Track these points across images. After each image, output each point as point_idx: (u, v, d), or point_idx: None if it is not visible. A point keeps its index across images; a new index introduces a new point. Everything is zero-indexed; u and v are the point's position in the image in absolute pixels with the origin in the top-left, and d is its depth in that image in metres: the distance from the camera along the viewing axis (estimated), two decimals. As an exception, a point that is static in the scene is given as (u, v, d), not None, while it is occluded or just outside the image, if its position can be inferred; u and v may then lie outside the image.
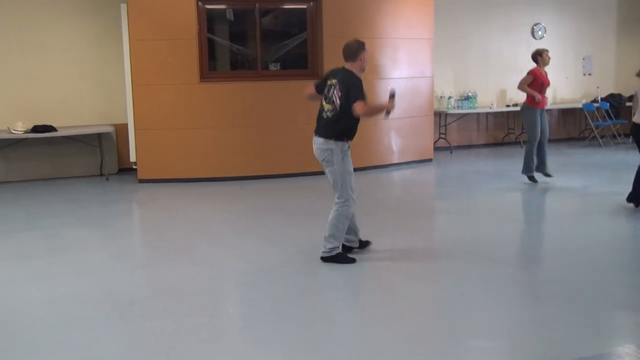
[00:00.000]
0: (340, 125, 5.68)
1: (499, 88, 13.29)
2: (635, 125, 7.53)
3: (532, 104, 9.10)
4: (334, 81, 5.72)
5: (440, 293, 5.17)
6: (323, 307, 4.94)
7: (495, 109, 13.14)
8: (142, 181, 9.91)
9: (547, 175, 9.29)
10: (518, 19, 13.50)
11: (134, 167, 10.18)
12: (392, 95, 5.79)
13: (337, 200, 5.72)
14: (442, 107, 12.84)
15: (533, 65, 9.30)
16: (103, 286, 5.38)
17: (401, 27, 10.92)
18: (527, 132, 9.45)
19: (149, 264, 6.20)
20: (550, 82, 9.53)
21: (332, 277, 5.56)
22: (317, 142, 5.79)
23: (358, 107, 5.56)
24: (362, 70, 5.83)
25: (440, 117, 12.90)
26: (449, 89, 12.96)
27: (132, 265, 6.09)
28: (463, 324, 4.48)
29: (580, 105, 13.66)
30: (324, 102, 5.80)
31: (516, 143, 13.42)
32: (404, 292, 5.20)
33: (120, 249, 6.65)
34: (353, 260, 5.76)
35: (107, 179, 10.33)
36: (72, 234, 7.22)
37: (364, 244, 6.10)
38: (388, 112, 5.85)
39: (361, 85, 5.66)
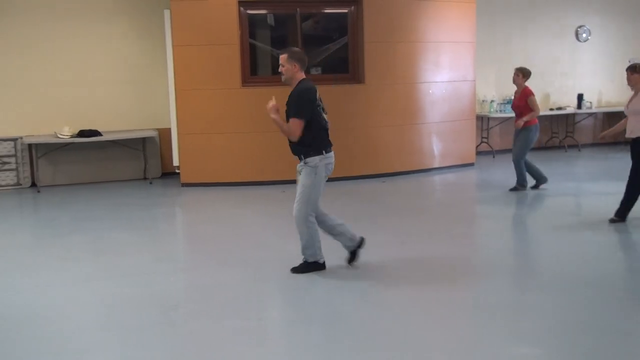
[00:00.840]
0: (308, 138, 5.58)
1: (542, 92, 13.08)
2: (635, 140, 7.04)
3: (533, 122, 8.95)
4: (318, 94, 5.64)
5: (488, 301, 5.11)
6: (368, 311, 4.91)
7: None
8: (184, 185, 10.01)
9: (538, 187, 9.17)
10: (562, 21, 13.30)
11: (177, 171, 10.30)
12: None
13: (295, 206, 5.67)
14: (484, 111, 12.72)
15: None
16: (148, 289, 5.45)
17: (443, 31, 10.86)
18: (522, 149, 8.97)
19: (193, 266, 6.25)
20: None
21: (381, 281, 5.53)
22: (333, 156, 5.74)
23: (295, 126, 5.53)
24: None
25: (483, 121, 12.78)
26: (491, 92, 12.83)
27: (176, 268, 6.15)
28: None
29: (626, 109, 13.39)
30: (325, 115, 5.66)
31: (560, 147, 13.22)
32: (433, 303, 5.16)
33: (164, 252, 6.73)
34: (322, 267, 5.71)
35: (150, 183, 10.47)
36: (116, 237, 7.32)
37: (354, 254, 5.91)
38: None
39: (309, 104, 5.54)
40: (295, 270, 5.66)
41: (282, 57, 5.51)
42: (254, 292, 5.34)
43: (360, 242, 5.83)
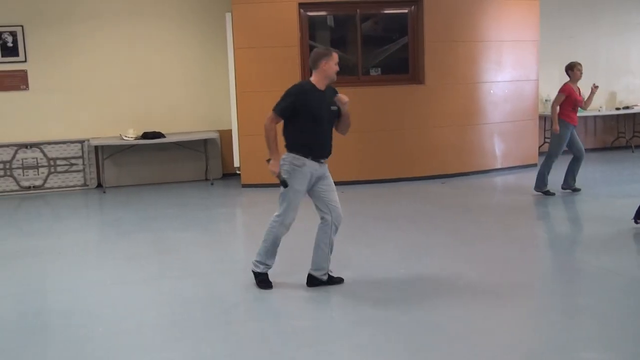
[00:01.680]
0: (289, 132, 5.34)
1: (608, 90, 12.72)
2: None
3: (567, 119, 8.61)
4: None
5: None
6: (426, 313, 4.87)
7: (604, 112, 12.59)
8: (245, 186, 10.12)
9: (576, 189, 8.84)
10: (629, 17, 12.88)
11: (238, 172, 10.42)
12: (281, 180, 5.30)
13: (275, 215, 5.36)
14: (548, 111, 12.43)
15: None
16: (208, 288, 5.53)
17: (505, 29, 10.68)
18: (552, 146, 8.80)
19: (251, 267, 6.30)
20: (582, 98, 8.95)
21: (441, 282, 5.48)
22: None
23: (267, 116, 5.28)
24: (329, 78, 5.30)
25: (546, 121, 12.50)
26: (554, 92, 12.51)
27: (236, 268, 6.20)
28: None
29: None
30: None
31: (627, 147, 12.83)
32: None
33: (224, 252, 6.82)
34: (269, 286, 5.36)
35: (212, 184, 10.62)
36: (178, 236, 7.46)
37: (333, 280, 5.44)
38: (269, 160, 5.33)
39: (286, 97, 5.31)
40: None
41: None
42: (311, 292, 5.35)
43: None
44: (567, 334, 4.35)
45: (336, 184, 5.44)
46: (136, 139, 10.15)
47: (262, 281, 5.40)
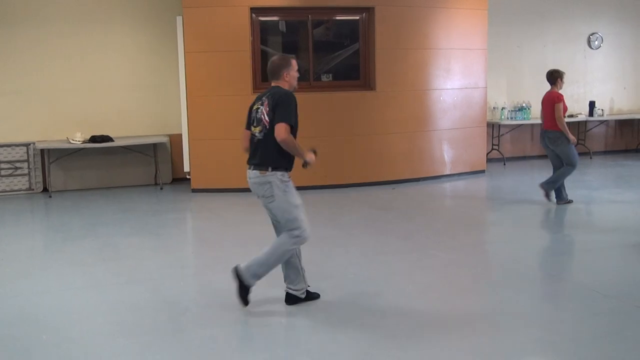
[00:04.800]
0: (274, 149, 4.85)
1: (553, 99, 13.05)
2: None
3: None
4: (258, 103, 5.04)
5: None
6: (377, 319, 4.90)
7: (550, 120, 12.89)
8: (195, 191, 10.05)
9: (549, 199, 8.86)
10: (574, 28, 13.26)
11: (188, 176, 10.33)
12: (314, 152, 5.09)
13: (285, 233, 4.96)
14: (495, 118, 12.69)
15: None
16: (157, 294, 5.46)
17: (454, 38, 10.85)
18: (567, 156, 8.60)
19: (202, 272, 6.27)
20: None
21: (390, 287, 5.52)
22: (252, 176, 4.98)
23: (279, 130, 4.74)
24: (292, 88, 5.06)
25: (494, 128, 12.75)
26: (502, 99, 12.80)
27: (186, 273, 6.16)
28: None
29: (638, 117, 13.34)
30: (252, 128, 5.05)
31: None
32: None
33: (174, 258, 6.74)
34: (245, 304, 5.03)
35: (161, 189, 10.50)
36: (126, 242, 7.35)
37: (311, 296, 5.23)
38: (305, 164, 5.04)
39: (292, 105, 4.86)
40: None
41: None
42: (262, 298, 5.34)
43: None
44: (512, 339, 4.42)
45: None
46: (84, 142, 9.99)
47: (242, 296, 5.03)
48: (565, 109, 8.63)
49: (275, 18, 10.53)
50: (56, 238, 7.81)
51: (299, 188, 5.16)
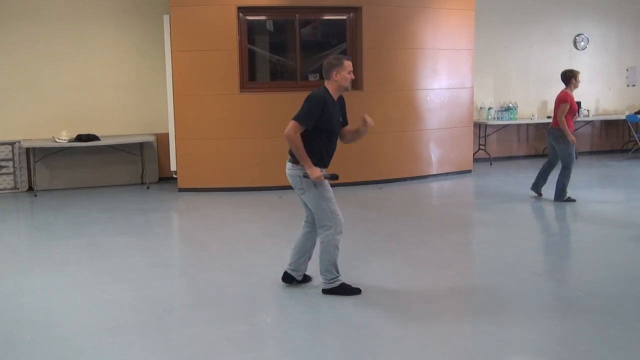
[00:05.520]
0: (307, 146, 5.04)
1: (540, 99, 13.13)
2: None
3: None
4: None
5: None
6: (362, 317, 4.91)
7: (536, 120, 12.98)
8: (182, 190, 10.02)
9: (539, 195, 9.02)
10: (560, 29, 13.33)
11: (174, 176, 10.30)
12: (333, 175, 5.20)
13: (319, 231, 5.22)
14: (482, 118, 12.74)
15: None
16: (143, 294, 5.44)
17: (441, 38, 10.88)
18: (564, 157, 8.65)
19: (188, 271, 6.25)
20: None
21: (377, 285, 5.52)
22: (286, 168, 5.22)
23: (288, 126, 4.99)
24: (344, 88, 5.28)
25: (480, 128, 12.80)
26: (489, 99, 12.85)
27: (172, 273, 6.14)
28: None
29: (623, 117, 13.44)
30: None
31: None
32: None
33: (160, 257, 6.72)
34: (358, 291, 5.25)
35: (147, 188, 10.46)
36: (112, 241, 7.32)
37: (305, 278, 5.53)
38: (305, 176, 5.08)
39: (311, 106, 5.05)
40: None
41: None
42: (248, 297, 5.34)
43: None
44: (497, 339, 4.44)
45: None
46: (70, 141, 9.93)
47: (349, 289, 5.23)
48: (573, 109, 8.60)
49: (262, 17, 10.51)
50: (41, 237, 7.76)
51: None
